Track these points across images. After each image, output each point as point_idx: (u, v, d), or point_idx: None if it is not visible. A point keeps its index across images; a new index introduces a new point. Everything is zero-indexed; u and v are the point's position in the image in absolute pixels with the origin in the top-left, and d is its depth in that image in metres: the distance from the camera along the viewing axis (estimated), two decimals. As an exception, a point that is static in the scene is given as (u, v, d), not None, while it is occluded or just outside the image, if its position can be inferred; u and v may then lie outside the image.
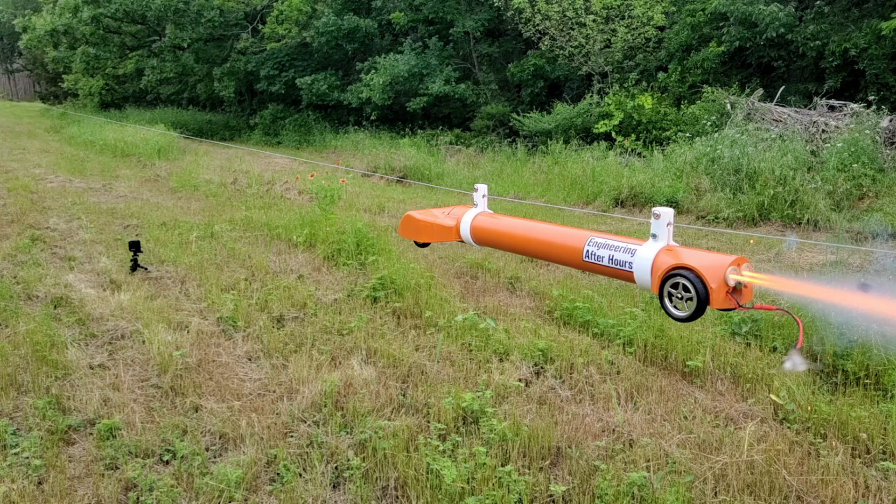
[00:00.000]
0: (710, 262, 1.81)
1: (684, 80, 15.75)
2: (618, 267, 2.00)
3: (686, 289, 1.82)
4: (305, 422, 3.93)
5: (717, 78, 15.20)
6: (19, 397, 4.19)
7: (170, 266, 7.03)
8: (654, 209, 2.01)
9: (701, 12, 15.43)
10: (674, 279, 1.85)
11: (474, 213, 2.62)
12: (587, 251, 2.09)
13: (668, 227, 1.97)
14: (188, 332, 5.18)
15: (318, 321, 5.46)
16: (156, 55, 25.94)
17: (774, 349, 4.78)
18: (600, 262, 2.05)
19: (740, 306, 1.85)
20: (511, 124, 17.44)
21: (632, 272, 1.98)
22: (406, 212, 2.85)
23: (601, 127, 15.07)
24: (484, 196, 2.69)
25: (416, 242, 2.91)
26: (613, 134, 14.93)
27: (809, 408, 3.93)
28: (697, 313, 1.83)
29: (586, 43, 16.35)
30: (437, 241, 2.80)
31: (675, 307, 1.87)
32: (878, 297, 1.86)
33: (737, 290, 1.82)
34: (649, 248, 1.95)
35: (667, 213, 1.97)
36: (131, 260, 6.79)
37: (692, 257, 1.87)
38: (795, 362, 2.04)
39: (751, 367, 4.50)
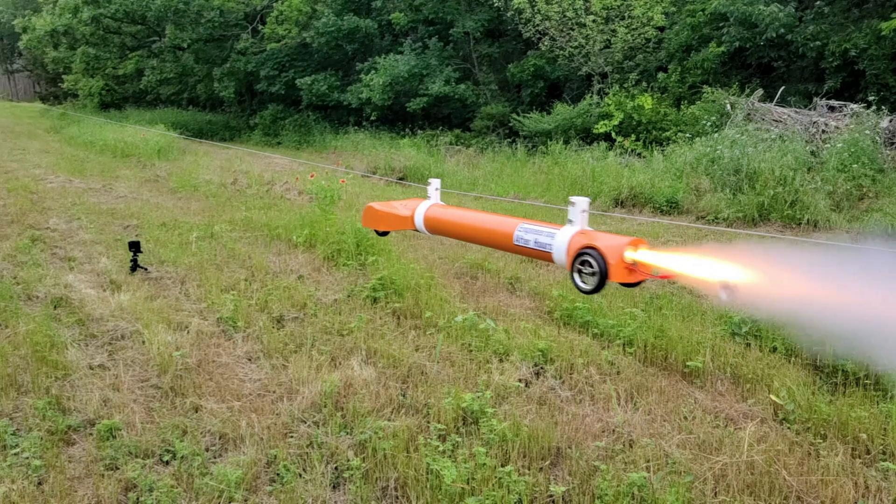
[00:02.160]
0: (611, 243, 2.08)
1: (684, 80, 15.76)
2: (540, 248, 2.27)
3: (590, 265, 2.07)
4: (305, 422, 3.93)
5: (717, 78, 15.20)
6: (19, 398, 4.19)
7: (170, 266, 7.03)
8: (570, 198, 2.27)
9: (701, 13, 15.43)
10: (582, 257, 2.10)
11: (427, 204, 2.84)
12: (517, 236, 2.36)
13: (582, 214, 2.23)
14: (188, 332, 5.17)
15: (318, 321, 5.46)
16: (156, 55, 25.93)
17: (774, 349, 4.78)
18: (527, 245, 2.32)
19: (635, 284, 2.11)
20: (511, 125, 17.44)
21: (551, 252, 2.23)
22: (369, 204, 3.05)
23: (601, 127, 15.07)
24: (437, 189, 2.92)
25: (376, 231, 3.14)
26: (613, 134, 14.93)
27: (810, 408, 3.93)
28: (600, 286, 2.08)
29: (586, 43, 16.35)
30: (394, 229, 3.04)
31: (583, 281, 2.12)
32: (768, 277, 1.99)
33: (635, 266, 2.07)
34: (566, 232, 2.20)
35: (581, 201, 2.25)
36: (131, 260, 6.79)
37: (598, 239, 2.12)
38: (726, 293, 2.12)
39: (751, 367, 4.50)
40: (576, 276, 2.15)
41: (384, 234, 3.22)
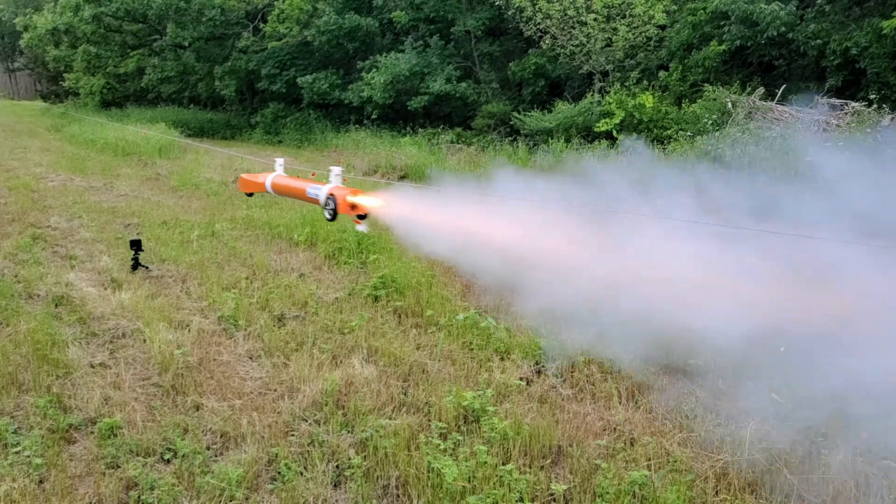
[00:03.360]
0: (340, 192, 3.94)
1: (685, 78, 15.73)
2: (315, 197, 4.13)
3: (330, 205, 3.91)
4: (306, 420, 3.94)
5: (719, 77, 15.17)
6: (20, 396, 4.19)
7: (171, 265, 7.03)
8: (330, 167, 4.15)
9: (702, 11, 15.40)
10: (327, 200, 3.92)
11: (273, 175, 4.76)
12: (307, 191, 4.24)
13: (336, 177, 4.07)
14: (189, 330, 5.18)
15: (319, 320, 5.46)
16: (157, 54, 25.92)
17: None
18: (310, 196, 4.18)
19: (363, 217, 3.95)
20: (512, 123, 17.42)
21: (318, 199, 4.07)
22: (240, 175, 5.13)
23: (602, 126, 15.05)
24: (280, 165, 4.87)
25: (246, 194, 5.14)
26: (615, 133, 14.91)
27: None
28: (334, 217, 3.94)
29: (587, 42, 16.33)
30: (256, 191, 4.95)
31: (328, 214, 3.92)
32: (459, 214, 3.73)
33: (355, 206, 3.88)
34: (325, 188, 4.04)
35: (336, 169, 4.13)
36: (132, 259, 6.79)
37: (335, 190, 3.96)
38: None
39: (751, 365, 4.49)
40: (325, 211, 3.97)
41: (250, 195, 5.21)
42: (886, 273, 2.81)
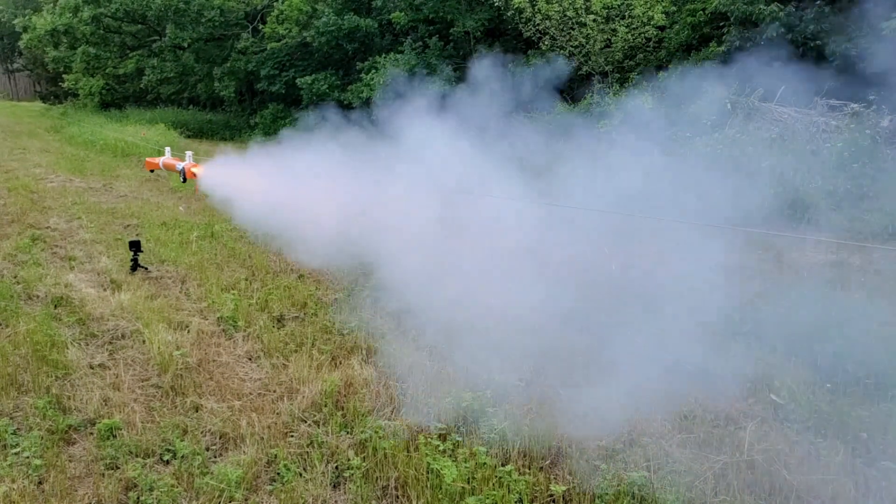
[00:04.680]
0: (188, 166, 6.42)
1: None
2: (178, 169, 6.51)
3: (182, 174, 6.41)
4: (306, 421, 3.94)
5: (717, 78, 15.19)
6: (20, 397, 4.19)
7: (170, 266, 7.03)
8: (186, 152, 6.83)
9: (701, 12, 15.42)
10: (181, 171, 6.43)
11: (164, 158, 6.83)
12: (176, 167, 6.58)
13: (189, 158, 6.55)
14: (188, 331, 5.18)
15: (318, 321, 5.46)
16: (156, 55, 25.90)
17: (774, 349, 4.77)
18: (177, 169, 6.54)
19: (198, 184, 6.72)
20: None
21: (181, 172, 6.42)
22: (146, 158, 7.25)
23: (602, 127, 15.06)
24: (168, 151, 6.97)
25: (149, 171, 7.18)
26: (614, 134, 14.93)
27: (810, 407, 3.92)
28: (185, 180, 6.50)
29: (586, 43, 16.35)
30: (155, 169, 7.00)
31: (182, 178, 6.46)
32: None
33: (195, 175, 6.41)
34: (182, 164, 6.47)
35: (189, 153, 6.70)
36: (131, 260, 6.79)
37: (186, 165, 6.44)
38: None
39: (751, 366, 4.49)
40: (180, 176, 6.38)
41: (152, 171, 7.21)
42: None
